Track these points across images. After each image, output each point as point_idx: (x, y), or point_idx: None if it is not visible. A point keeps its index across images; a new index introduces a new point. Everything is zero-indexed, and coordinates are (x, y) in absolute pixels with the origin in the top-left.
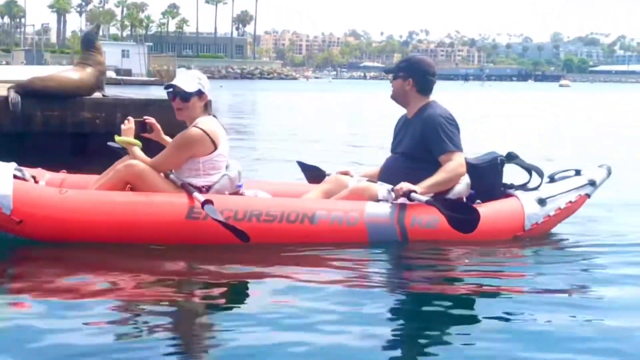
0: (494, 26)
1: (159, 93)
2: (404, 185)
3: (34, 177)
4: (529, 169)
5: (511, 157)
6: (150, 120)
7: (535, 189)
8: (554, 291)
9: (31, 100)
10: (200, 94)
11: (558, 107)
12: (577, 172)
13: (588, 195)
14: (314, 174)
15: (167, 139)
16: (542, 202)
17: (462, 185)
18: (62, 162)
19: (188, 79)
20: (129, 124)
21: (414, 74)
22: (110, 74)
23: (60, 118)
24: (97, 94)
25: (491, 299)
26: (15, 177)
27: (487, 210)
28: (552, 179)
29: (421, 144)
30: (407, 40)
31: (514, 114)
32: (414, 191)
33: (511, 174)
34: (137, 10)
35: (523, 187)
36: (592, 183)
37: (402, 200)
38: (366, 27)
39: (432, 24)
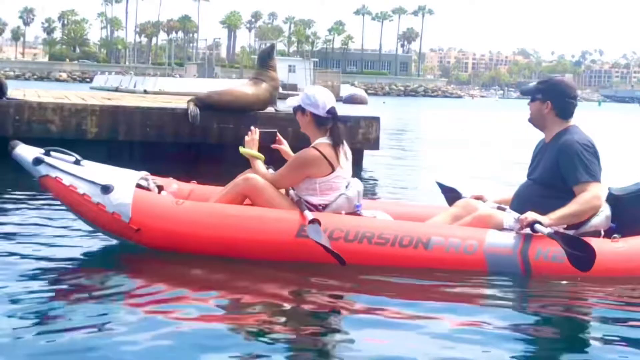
0: None
1: None
2: (530, 215)
3: (160, 187)
4: None
5: None
6: (278, 135)
7: None
8: None
9: (208, 113)
10: (301, 109)
11: None
12: None
13: None
14: (452, 196)
15: (292, 154)
16: None
17: (601, 218)
18: (234, 173)
19: (300, 95)
20: (253, 135)
21: (552, 97)
22: None
23: (235, 131)
24: (269, 109)
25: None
26: (139, 186)
27: (625, 245)
28: None
29: (556, 172)
30: (579, 60)
31: None
32: (539, 222)
33: None
34: (304, 27)
35: None
36: None
37: (526, 230)
38: (536, 46)
39: (607, 43)
